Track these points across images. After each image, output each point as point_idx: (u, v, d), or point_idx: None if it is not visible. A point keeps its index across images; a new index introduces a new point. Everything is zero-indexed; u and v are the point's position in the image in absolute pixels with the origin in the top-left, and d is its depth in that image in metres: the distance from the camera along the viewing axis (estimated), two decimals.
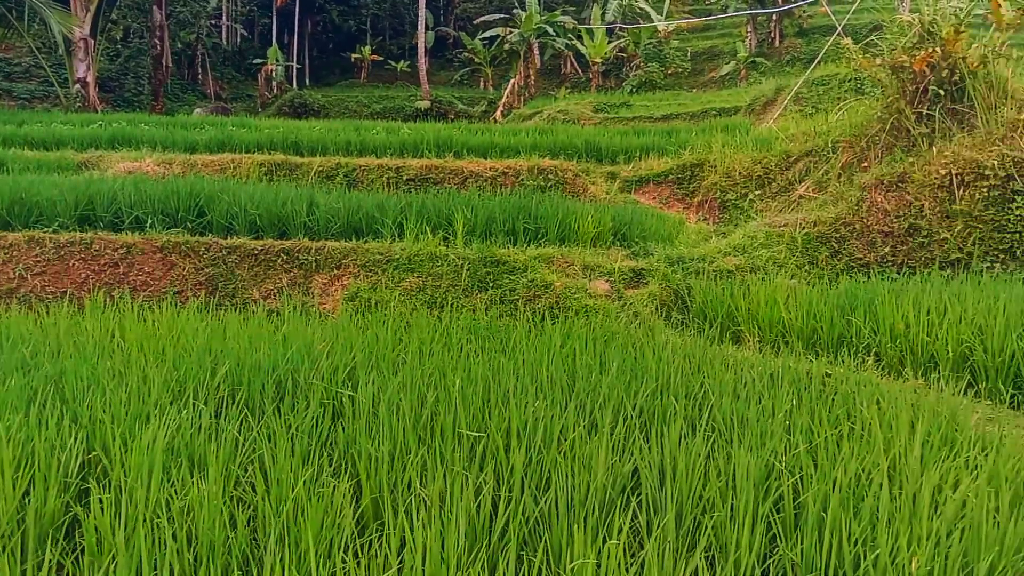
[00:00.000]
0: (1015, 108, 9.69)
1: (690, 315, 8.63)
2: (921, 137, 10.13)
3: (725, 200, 13.01)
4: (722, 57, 46.25)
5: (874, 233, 9.78)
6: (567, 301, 8.42)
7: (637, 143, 15.96)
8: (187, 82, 52.77)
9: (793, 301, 7.60)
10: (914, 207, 9.66)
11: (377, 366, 5.87)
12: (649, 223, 10.59)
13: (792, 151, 12.74)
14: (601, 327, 7.33)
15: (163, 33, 44.56)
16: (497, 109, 44.11)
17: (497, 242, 9.64)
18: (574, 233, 9.80)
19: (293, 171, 16.14)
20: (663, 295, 8.95)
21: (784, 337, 7.52)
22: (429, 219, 9.98)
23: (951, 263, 9.33)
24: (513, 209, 9.81)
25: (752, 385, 5.28)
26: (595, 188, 14.33)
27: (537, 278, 8.68)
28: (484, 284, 8.88)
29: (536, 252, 9.11)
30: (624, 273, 9.08)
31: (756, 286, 8.12)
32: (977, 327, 6.22)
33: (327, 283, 9.47)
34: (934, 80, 10.12)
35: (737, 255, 9.78)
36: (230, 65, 57.69)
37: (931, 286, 7.56)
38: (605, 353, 6.11)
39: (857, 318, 6.95)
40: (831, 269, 9.74)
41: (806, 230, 10.01)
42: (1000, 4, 11.06)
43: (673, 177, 14.04)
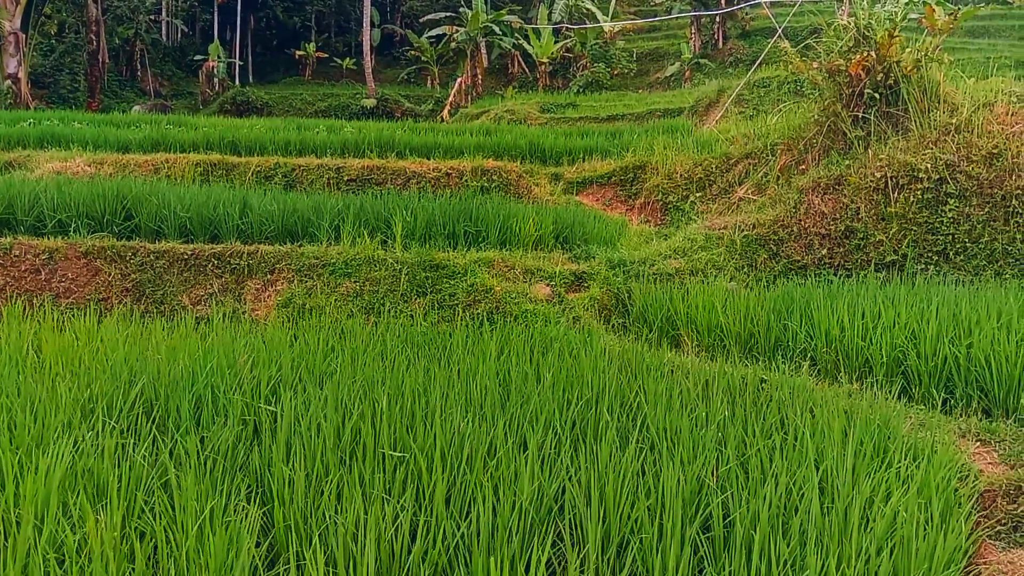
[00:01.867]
0: (947, 112, 9.86)
1: (631, 319, 8.58)
2: (857, 140, 10.25)
3: (667, 202, 13.03)
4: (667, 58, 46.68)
5: (811, 235, 9.86)
6: (507, 306, 8.28)
7: (581, 144, 15.92)
8: (126, 79, 51.36)
9: (731, 305, 7.59)
10: (850, 209, 9.76)
11: (305, 378, 5.66)
12: (591, 226, 10.53)
13: (732, 153, 12.82)
14: (540, 333, 7.21)
15: (99, 28, 43.30)
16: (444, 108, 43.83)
17: (437, 245, 9.47)
18: (515, 236, 9.68)
19: (230, 171, 15.70)
20: (604, 299, 8.88)
21: (722, 341, 7.50)
22: (367, 222, 9.76)
23: (887, 265, 9.44)
24: (454, 212, 9.65)
25: (687, 393, 5.21)
26: (539, 190, 14.23)
27: (477, 282, 8.53)
28: (423, 289, 8.70)
29: (477, 256, 8.96)
30: (565, 277, 8.99)
31: (695, 290, 8.10)
32: (910, 332, 6.26)
33: (260, 289, 9.18)
34: (869, 84, 10.25)
35: (678, 258, 9.77)
36: (171, 62, 56.30)
37: (866, 289, 7.62)
38: (542, 361, 5.99)
39: (793, 322, 6.96)
40: (769, 271, 9.79)
41: (745, 232, 10.05)
42: (933, 9, 11.27)
43: (616, 179, 14.03)
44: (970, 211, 9.24)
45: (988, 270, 9.05)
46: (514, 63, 49.74)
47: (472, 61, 45.15)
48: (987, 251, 9.13)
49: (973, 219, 9.21)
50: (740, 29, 45.91)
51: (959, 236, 9.23)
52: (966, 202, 9.27)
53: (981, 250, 9.15)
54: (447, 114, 42.18)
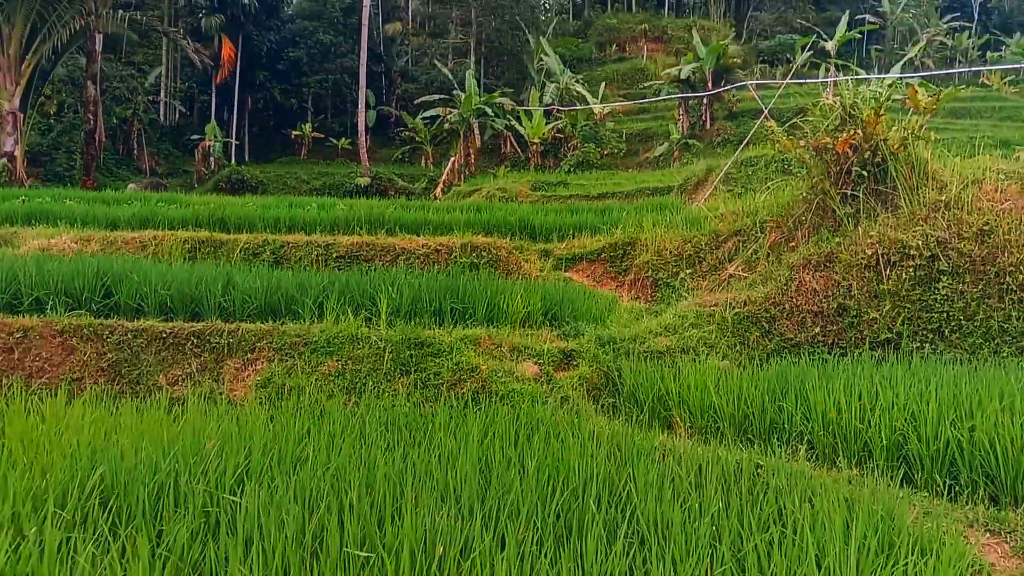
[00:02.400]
0: (936, 189, 9.85)
1: (621, 398, 8.31)
2: (847, 217, 10.20)
3: (657, 278, 12.90)
4: (656, 139, 47.51)
5: (804, 313, 9.70)
6: (493, 385, 8.02)
7: (571, 221, 15.91)
8: (122, 157, 51.97)
9: (724, 385, 7.35)
10: (842, 287, 9.63)
11: (275, 464, 5.36)
12: (580, 302, 10.35)
13: (721, 230, 12.77)
14: (526, 414, 6.95)
15: (97, 108, 43.87)
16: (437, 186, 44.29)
17: (423, 323, 9.26)
18: (503, 313, 9.48)
19: (218, 248, 15.59)
20: (593, 377, 8.63)
21: (716, 423, 7.24)
22: (352, 299, 9.56)
23: (881, 343, 9.26)
24: (440, 288, 9.47)
25: (679, 481, 4.93)
26: (528, 266, 14.12)
27: (463, 361, 8.28)
28: (407, 367, 8.44)
29: (463, 333, 8.74)
30: (553, 355, 8.76)
31: (687, 369, 7.87)
32: (910, 413, 6.02)
33: (239, 368, 8.91)
34: (857, 161, 10.26)
35: (668, 335, 9.57)
36: (168, 141, 57.09)
37: (862, 369, 7.40)
38: (527, 446, 5.71)
39: (788, 403, 6.71)
40: (762, 349, 9.58)
41: (736, 310, 9.88)
42: (916, 90, 11.41)
43: (606, 255, 13.94)
44: (964, 288, 9.11)
45: (985, 348, 8.86)
46: (506, 143, 50.53)
47: (465, 141, 45.86)
48: (983, 329, 8.96)
49: (967, 296, 9.08)
50: (727, 111, 46.92)
51: (954, 314, 9.08)
52: (959, 279, 9.15)
53: (976, 328, 8.98)
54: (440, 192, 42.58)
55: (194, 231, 16.42)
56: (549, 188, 33.97)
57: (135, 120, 52.05)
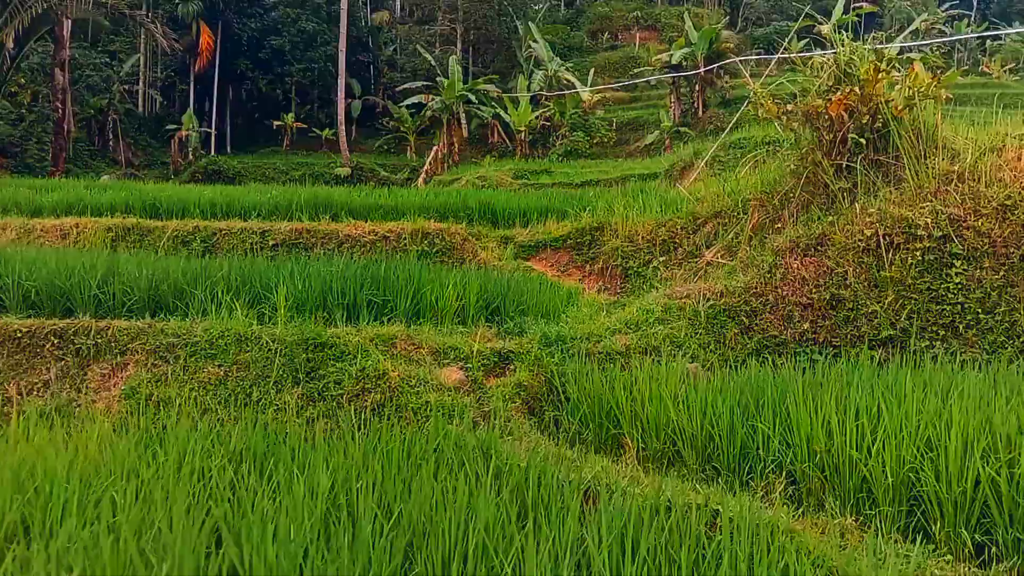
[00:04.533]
0: (947, 158, 8.30)
1: (567, 412, 6.77)
2: (841, 193, 8.65)
3: (627, 267, 11.35)
4: (647, 127, 46.02)
5: (790, 305, 8.16)
6: (403, 397, 6.48)
7: (536, 205, 14.36)
8: (97, 148, 50.40)
9: (685, 396, 5.81)
10: (836, 274, 8.09)
11: (53, 518, 3.85)
12: (533, 294, 8.82)
13: (700, 212, 11.22)
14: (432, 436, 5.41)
15: (65, 96, 42.26)
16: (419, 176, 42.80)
17: (334, 318, 7.72)
18: (431, 307, 7.93)
19: (145, 236, 14.05)
20: (534, 385, 7.09)
21: (675, 444, 5.70)
22: (252, 291, 8.02)
23: (883, 342, 7.72)
24: (355, 278, 7.92)
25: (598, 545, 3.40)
26: (486, 254, 12.57)
27: (369, 366, 6.73)
28: (303, 375, 6.89)
29: (374, 332, 7.19)
30: (486, 357, 7.21)
31: (642, 376, 6.33)
32: (924, 440, 4.49)
33: (107, 375, 7.35)
34: (853, 128, 8.71)
35: (629, 333, 8.03)
36: (146, 132, 55.47)
37: (860, 375, 5.85)
38: (406, 486, 4.18)
39: (764, 423, 5.17)
40: (741, 349, 8.05)
41: (711, 302, 8.34)
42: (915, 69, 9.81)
43: (572, 242, 12.39)
44: (981, 275, 7.57)
45: (1008, 347, 7.33)
46: (494, 133, 49.14)
47: (448, 130, 44.25)
48: (1006, 324, 7.42)
49: (986, 284, 7.54)
50: (720, 98, 45.37)
51: (970, 305, 7.55)
52: (976, 264, 7.61)
53: (998, 323, 7.44)
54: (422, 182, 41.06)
55: (122, 217, 14.85)
56: (532, 176, 32.45)
57: (110, 110, 50.45)
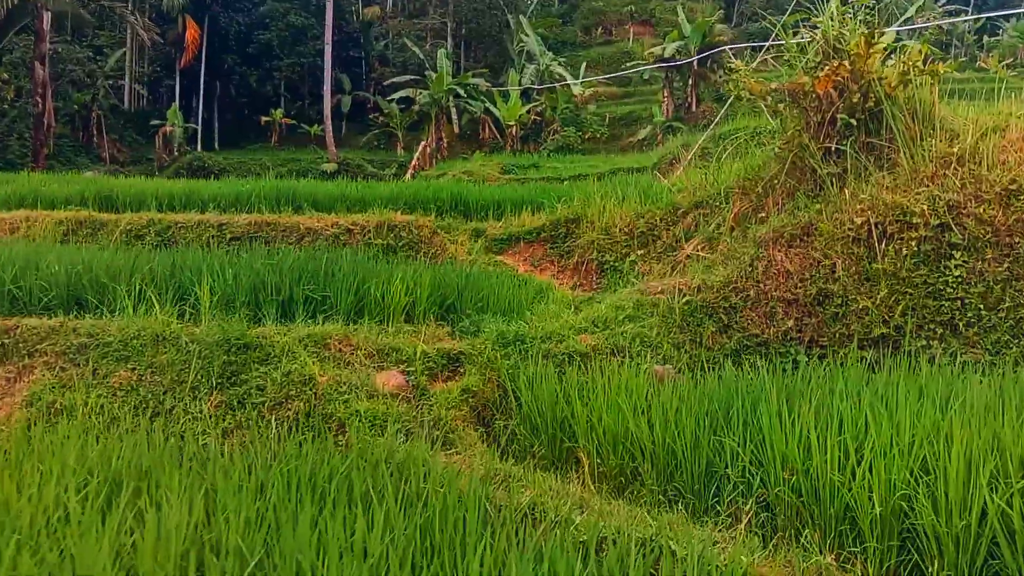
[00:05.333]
0: (945, 139, 7.56)
1: (519, 420, 6.02)
2: (830, 178, 7.91)
3: (603, 261, 10.61)
4: (640, 123, 45.36)
5: (773, 301, 7.42)
6: (331, 405, 5.72)
7: (511, 196, 13.63)
8: (81, 144, 49.52)
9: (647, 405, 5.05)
10: (823, 267, 7.35)
11: None
12: (493, 290, 8.06)
13: (681, 203, 10.48)
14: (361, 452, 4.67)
15: (45, 91, 41.42)
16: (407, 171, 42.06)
17: (266, 316, 6.96)
18: (377, 304, 7.17)
19: (98, 229, 13.30)
20: (485, 391, 6.33)
21: (635, 460, 4.95)
22: (179, 285, 7.26)
23: (874, 341, 6.98)
24: (292, 271, 7.15)
25: None
26: (455, 248, 11.82)
27: (295, 370, 5.98)
28: (224, 379, 6.14)
29: (306, 332, 6.43)
30: (432, 360, 6.46)
31: (602, 381, 5.58)
32: (919, 461, 3.75)
33: (11, 379, 6.58)
34: (843, 107, 7.97)
35: (596, 332, 7.28)
36: (131, 127, 54.56)
37: (846, 381, 5.10)
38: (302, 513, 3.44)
39: (731, 437, 4.42)
40: (719, 349, 7.30)
41: (687, 298, 7.60)
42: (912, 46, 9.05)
43: (546, 235, 11.64)
44: (984, 267, 6.84)
45: (1013, 347, 6.59)
46: (485, 128, 48.53)
47: (437, 124, 43.48)
48: (1011, 321, 6.68)
49: (988, 277, 6.80)
50: (714, 92, 44.63)
51: (971, 301, 6.81)
52: (978, 255, 6.87)
53: (1002, 320, 6.70)
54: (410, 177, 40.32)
55: (75, 211, 14.10)
56: (520, 171, 31.77)
57: (95, 106, 49.59)
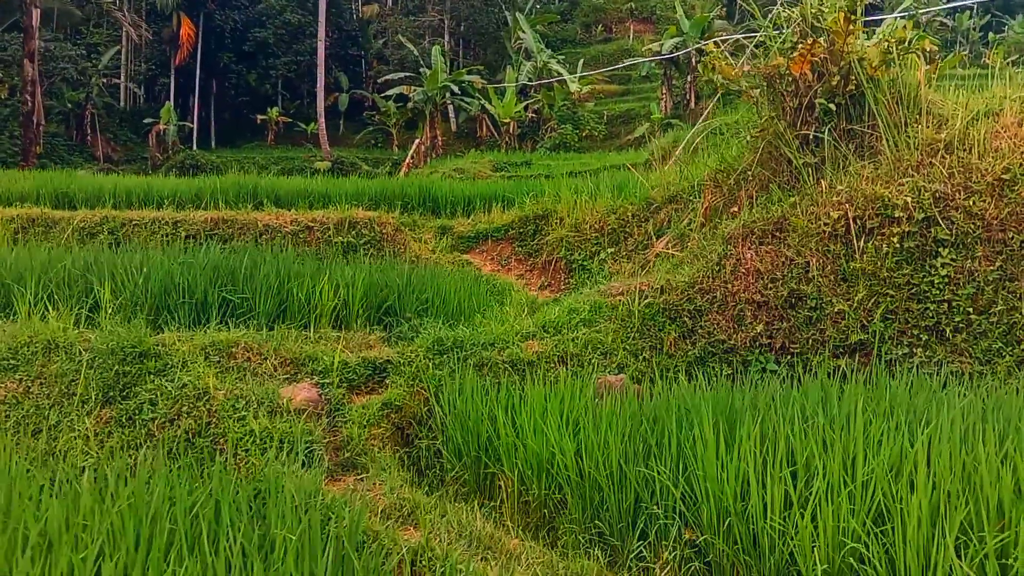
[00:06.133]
0: (932, 125, 6.85)
1: (443, 440, 5.34)
2: (807, 169, 7.21)
3: (572, 260, 9.92)
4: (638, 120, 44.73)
5: (741, 304, 6.72)
6: (222, 424, 5.04)
7: (483, 192, 12.93)
8: (75, 143, 49.06)
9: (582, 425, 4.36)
10: (796, 266, 6.65)
11: None
12: (440, 291, 7.38)
13: (655, 198, 9.79)
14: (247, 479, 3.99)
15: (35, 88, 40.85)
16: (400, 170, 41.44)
17: (178, 321, 6.29)
18: (302, 307, 6.49)
19: (51, 228, 12.67)
20: (410, 406, 5.65)
21: (562, 490, 4.26)
22: (90, 286, 6.59)
23: (851, 348, 6.28)
24: (207, 272, 6.47)
25: None
26: (418, 246, 11.14)
27: (191, 382, 5.30)
28: (116, 392, 5.47)
29: (210, 338, 5.75)
30: (352, 370, 5.78)
31: (534, 394, 4.88)
32: (875, 505, 3.05)
33: None
34: (822, 91, 7.27)
35: (545, 337, 6.59)
36: (126, 126, 54.10)
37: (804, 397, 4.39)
38: None
39: (663, 466, 3.73)
40: (682, 356, 6.60)
41: (648, 300, 6.90)
42: None
43: (514, 232, 10.95)
44: (973, 265, 6.12)
45: (1006, 355, 5.88)
46: (482, 127, 48.07)
47: (431, 122, 42.81)
48: (1003, 326, 5.97)
49: (979, 278, 6.09)
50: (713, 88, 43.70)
51: (959, 304, 6.09)
52: (967, 252, 6.16)
53: (993, 325, 5.99)
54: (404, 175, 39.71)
55: (27, 208, 13.47)
56: (512, 168, 31.11)
57: (88, 104, 49.10)
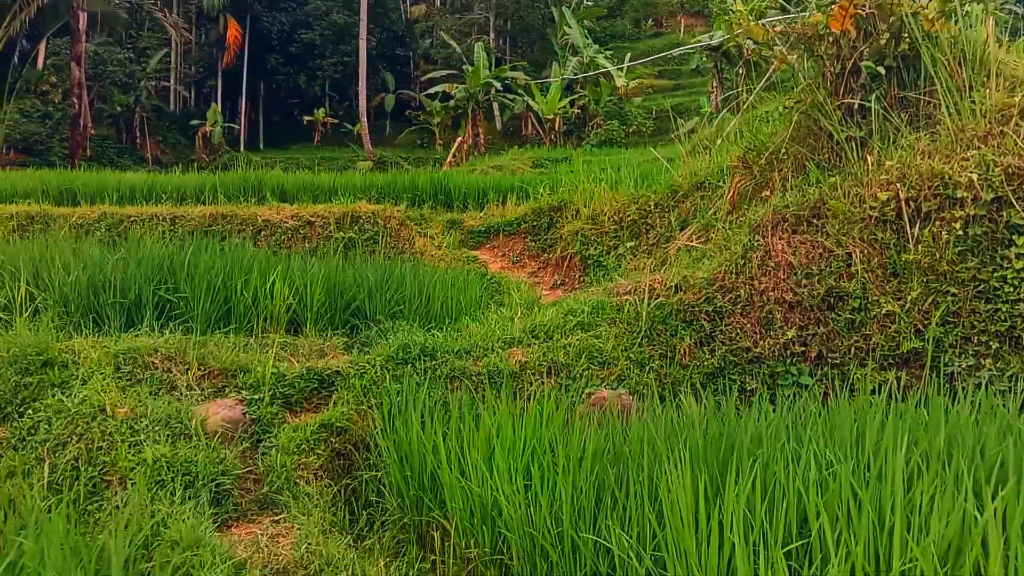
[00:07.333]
0: (1004, 88, 5.65)
1: (384, 472, 4.36)
2: (850, 144, 6.06)
3: (588, 255, 8.87)
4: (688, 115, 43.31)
5: (770, 304, 5.60)
6: (113, 451, 4.15)
7: (499, 183, 11.96)
8: (125, 146, 49.71)
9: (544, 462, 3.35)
10: (837, 259, 5.51)
11: None
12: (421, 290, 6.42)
13: (680, 185, 8.69)
14: None
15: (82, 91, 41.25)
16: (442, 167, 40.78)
17: (108, 323, 5.46)
18: (247, 308, 5.60)
19: (50, 224, 12.15)
20: (356, 428, 4.70)
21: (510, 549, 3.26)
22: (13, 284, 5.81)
23: (901, 359, 5.12)
24: (142, 268, 5.62)
25: None
26: (423, 241, 10.22)
27: (88, 397, 4.44)
28: (16, 406, 4.64)
29: (126, 344, 4.89)
30: (289, 384, 4.85)
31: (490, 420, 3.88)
32: None
33: None
34: (868, 52, 6.11)
35: (533, 343, 5.58)
36: (175, 129, 54.73)
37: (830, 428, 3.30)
38: None
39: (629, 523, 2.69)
40: (697, 367, 5.52)
41: (660, 300, 5.84)
42: None
43: (527, 226, 9.94)
44: None
45: None
46: (527, 124, 47.19)
47: (473, 120, 42.01)
48: None
49: None
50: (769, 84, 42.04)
51: None
52: None
53: None
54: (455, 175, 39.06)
55: (29, 204, 12.99)
56: (551, 164, 30.04)
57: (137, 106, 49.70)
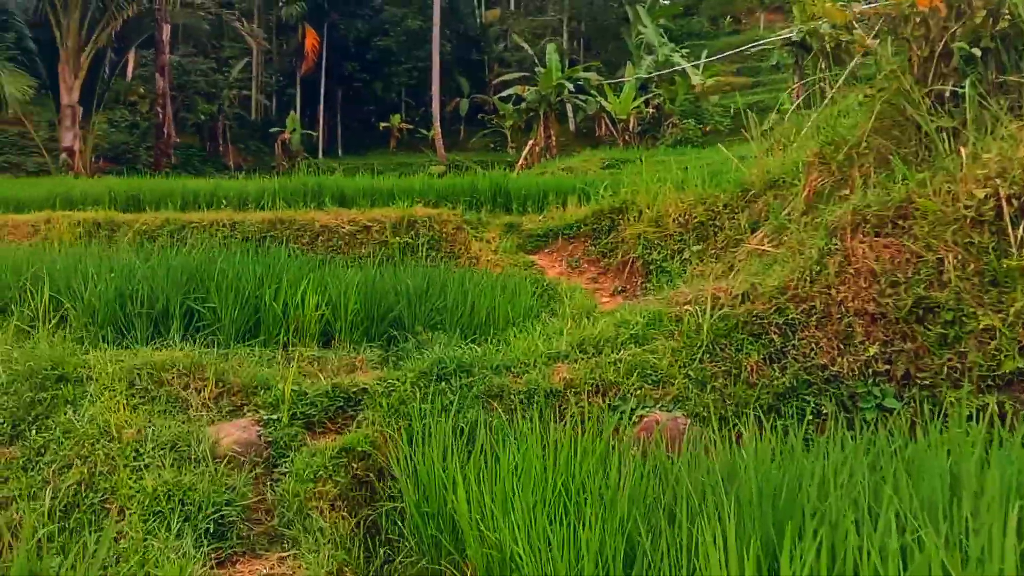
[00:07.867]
0: None
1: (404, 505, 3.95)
2: (941, 135, 5.37)
3: (650, 260, 8.32)
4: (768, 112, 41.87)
5: (850, 316, 4.97)
6: (113, 476, 3.86)
7: (561, 184, 11.49)
8: (208, 154, 51.33)
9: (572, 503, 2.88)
10: (926, 264, 4.85)
11: None
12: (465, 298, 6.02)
13: (752, 183, 8.05)
14: None
15: (165, 101, 42.59)
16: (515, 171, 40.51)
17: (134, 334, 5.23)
18: (277, 320, 5.29)
19: (115, 231, 12.29)
20: (383, 450, 4.31)
21: None
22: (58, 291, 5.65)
23: (1004, 380, 4.44)
24: (171, 276, 5.38)
25: None
26: (479, 246, 9.83)
27: (94, 417, 4.17)
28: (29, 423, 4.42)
29: (142, 359, 4.61)
30: (311, 402, 4.49)
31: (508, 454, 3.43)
32: None
33: None
34: (962, 33, 5.42)
35: (580, 358, 5.09)
36: (256, 136, 56.23)
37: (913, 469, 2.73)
38: None
39: None
40: (765, 387, 4.94)
41: (723, 311, 5.27)
42: None
43: (587, 229, 9.44)
44: None
45: None
46: (601, 125, 46.53)
47: (545, 121, 41.59)
48: None
49: None
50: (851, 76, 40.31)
51: None
52: None
53: None
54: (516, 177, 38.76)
55: (95, 211, 13.21)
56: (620, 165, 29.45)
57: (220, 115, 51.22)
